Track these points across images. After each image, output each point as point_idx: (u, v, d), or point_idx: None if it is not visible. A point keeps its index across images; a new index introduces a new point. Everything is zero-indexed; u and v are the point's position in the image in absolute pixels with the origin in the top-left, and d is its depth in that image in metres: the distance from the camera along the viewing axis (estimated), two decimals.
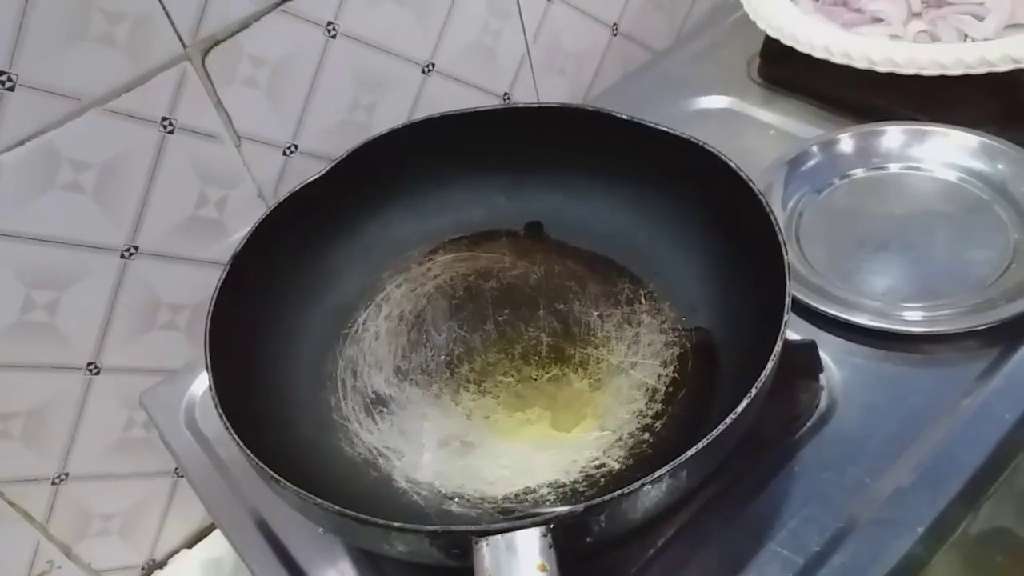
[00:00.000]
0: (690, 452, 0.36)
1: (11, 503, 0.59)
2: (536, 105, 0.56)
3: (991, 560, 0.58)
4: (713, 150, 0.49)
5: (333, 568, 0.47)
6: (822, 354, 0.49)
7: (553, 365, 0.50)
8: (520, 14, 0.71)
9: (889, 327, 0.50)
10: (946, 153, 0.58)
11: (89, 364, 0.59)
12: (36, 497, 0.60)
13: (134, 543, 0.67)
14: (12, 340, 0.54)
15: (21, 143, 0.50)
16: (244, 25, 0.56)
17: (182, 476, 0.67)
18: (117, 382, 0.60)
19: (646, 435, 0.46)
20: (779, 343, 0.39)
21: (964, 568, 0.55)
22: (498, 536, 0.34)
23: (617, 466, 0.45)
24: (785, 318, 0.40)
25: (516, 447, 0.46)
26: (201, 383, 0.59)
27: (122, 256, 0.57)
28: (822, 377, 0.49)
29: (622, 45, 0.81)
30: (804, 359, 0.48)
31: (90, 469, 0.62)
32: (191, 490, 0.67)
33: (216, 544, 0.69)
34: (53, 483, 0.60)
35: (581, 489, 0.44)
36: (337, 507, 0.36)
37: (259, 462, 0.38)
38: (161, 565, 0.69)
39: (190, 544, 0.70)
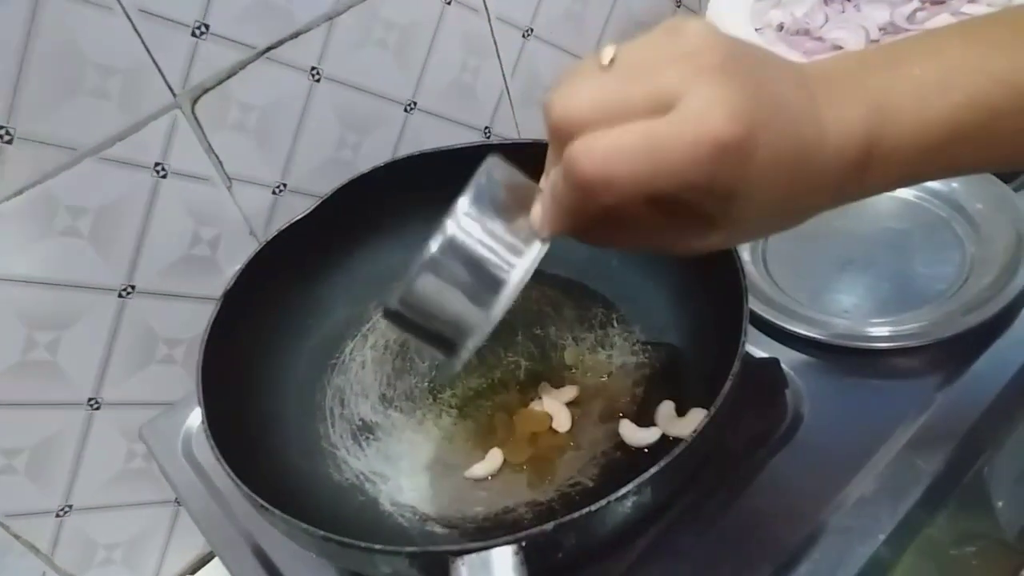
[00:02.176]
0: (652, 470, 0.38)
1: (16, 536, 0.61)
2: (511, 141, 0.59)
3: (966, 563, 0.60)
4: None
5: None
6: (788, 370, 0.52)
7: (530, 388, 0.53)
8: (497, 51, 0.74)
9: (853, 344, 0.53)
10: None
11: (90, 399, 0.61)
12: (41, 530, 0.62)
13: (138, 571, 0.69)
14: (15, 379, 0.57)
15: (20, 192, 0.53)
16: (231, 73, 0.59)
17: (182, 505, 0.69)
18: (117, 416, 0.63)
19: (618, 453, 0.48)
20: (736, 363, 0.41)
21: (940, 572, 0.56)
22: (473, 555, 0.37)
23: (591, 484, 0.47)
24: (742, 339, 0.42)
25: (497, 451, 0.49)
26: (198, 415, 0.61)
27: (120, 295, 0.60)
28: (787, 392, 0.51)
29: None
30: (768, 376, 0.50)
31: (93, 501, 0.64)
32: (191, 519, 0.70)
33: (218, 571, 0.71)
34: (57, 515, 0.63)
35: (556, 507, 0.46)
36: (322, 532, 0.38)
37: (248, 490, 0.41)
38: None
39: (192, 571, 0.72)
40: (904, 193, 0.61)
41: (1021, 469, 0.55)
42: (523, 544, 0.37)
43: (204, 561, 0.72)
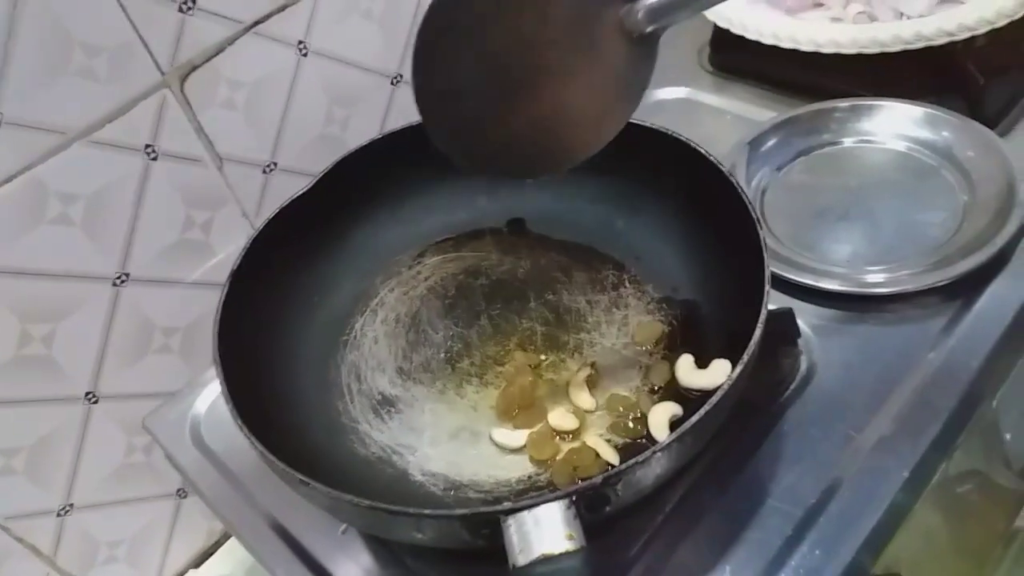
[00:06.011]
0: (694, 419, 0.38)
1: (18, 539, 0.59)
2: None
3: (967, 500, 0.62)
4: (683, 138, 0.52)
5: (354, 563, 0.48)
6: (797, 320, 0.53)
7: (549, 352, 0.53)
8: None
9: (856, 290, 0.54)
10: (894, 125, 0.62)
11: (88, 394, 0.59)
12: (42, 530, 0.60)
13: (141, 568, 0.68)
14: (11, 376, 0.55)
15: (9, 179, 0.51)
16: (219, 49, 0.57)
17: (184, 497, 0.68)
18: (116, 409, 0.61)
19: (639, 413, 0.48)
20: (763, 312, 0.42)
21: (943, 508, 0.58)
22: (525, 512, 0.37)
23: (620, 441, 0.47)
24: (766, 288, 0.43)
25: (523, 432, 0.49)
26: (203, 402, 0.60)
27: (114, 284, 0.58)
28: (800, 342, 0.52)
29: None
30: (782, 326, 0.51)
31: (94, 498, 0.62)
32: (194, 511, 0.69)
33: (223, 562, 0.70)
34: (58, 515, 0.61)
35: None
36: (368, 502, 0.38)
37: (287, 468, 0.40)
38: None
39: (196, 564, 0.71)
40: (895, 144, 0.62)
41: None
42: (574, 499, 0.37)
43: (208, 553, 0.71)
